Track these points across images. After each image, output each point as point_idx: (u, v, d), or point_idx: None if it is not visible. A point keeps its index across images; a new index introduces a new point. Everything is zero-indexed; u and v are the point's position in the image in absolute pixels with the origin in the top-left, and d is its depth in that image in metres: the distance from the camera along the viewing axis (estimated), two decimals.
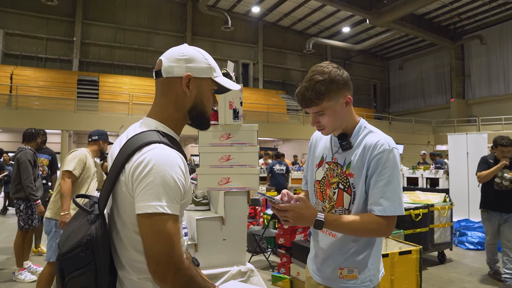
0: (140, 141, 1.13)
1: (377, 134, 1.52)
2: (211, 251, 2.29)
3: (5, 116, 14.24)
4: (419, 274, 3.87)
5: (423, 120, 24.39)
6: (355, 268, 1.50)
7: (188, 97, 1.22)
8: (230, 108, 2.20)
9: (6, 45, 19.02)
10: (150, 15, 21.86)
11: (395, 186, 1.43)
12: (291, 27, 25.12)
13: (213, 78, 1.25)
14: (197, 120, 1.28)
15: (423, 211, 5.24)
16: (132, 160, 1.10)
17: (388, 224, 1.43)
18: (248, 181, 2.20)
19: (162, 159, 1.09)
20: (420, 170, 11.41)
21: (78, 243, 1.09)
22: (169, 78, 1.21)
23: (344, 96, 1.49)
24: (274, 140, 21.41)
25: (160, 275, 1.05)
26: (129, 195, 1.11)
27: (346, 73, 1.52)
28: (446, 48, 23.90)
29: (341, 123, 1.53)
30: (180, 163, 1.13)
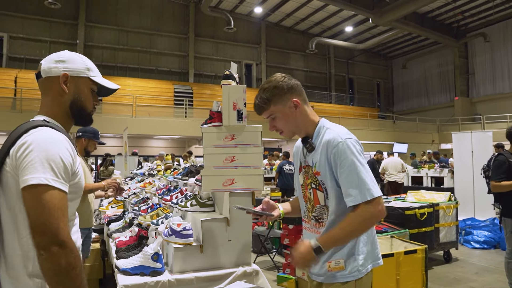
0: (25, 126, 1.20)
1: (333, 130, 1.60)
2: (216, 252, 2.29)
3: (10, 119, 14.30)
4: (425, 274, 3.85)
5: (427, 118, 24.28)
6: (341, 260, 1.56)
7: (66, 94, 1.32)
8: (234, 109, 2.20)
9: (10, 48, 19.13)
10: (152, 17, 21.90)
11: (358, 172, 1.48)
12: (293, 27, 25.08)
13: (90, 77, 1.37)
14: (78, 115, 1.37)
15: (428, 210, 5.22)
16: (17, 143, 1.16)
17: (372, 207, 1.46)
18: (252, 182, 2.20)
19: (46, 138, 1.17)
20: (424, 169, 11.36)
21: None
22: (48, 78, 1.32)
23: (291, 100, 1.61)
24: (278, 141, 21.39)
25: (45, 245, 1.05)
26: (14, 174, 1.14)
27: (294, 80, 1.66)
28: (449, 46, 23.77)
29: (296, 125, 1.67)
30: (67, 145, 1.21)
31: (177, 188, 3.25)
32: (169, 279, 2.17)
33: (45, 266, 1.07)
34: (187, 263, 2.26)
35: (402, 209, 5.07)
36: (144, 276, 2.20)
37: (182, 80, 21.96)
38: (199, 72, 22.73)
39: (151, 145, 19.52)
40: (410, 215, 5.04)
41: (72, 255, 1.08)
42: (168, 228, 2.33)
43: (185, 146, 21.12)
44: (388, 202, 5.62)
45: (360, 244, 1.57)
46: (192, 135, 18.05)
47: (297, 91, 1.64)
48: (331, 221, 1.58)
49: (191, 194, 2.75)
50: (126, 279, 2.18)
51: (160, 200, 3.30)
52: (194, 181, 2.74)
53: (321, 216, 1.63)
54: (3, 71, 18.02)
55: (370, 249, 1.60)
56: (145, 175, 5.00)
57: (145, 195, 4.14)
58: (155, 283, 2.15)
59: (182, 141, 20.82)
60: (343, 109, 23.84)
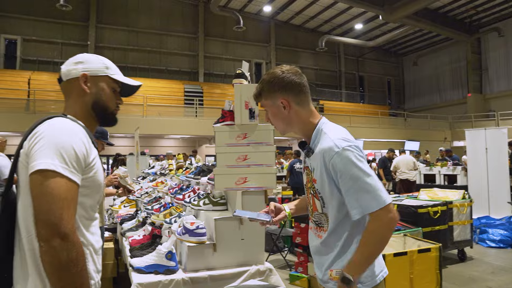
0: (42, 118, 1.20)
1: (329, 135, 1.49)
2: (229, 250, 2.30)
3: (24, 120, 14.52)
4: (439, 272, 3.81)
5: (439, 116, 24.00)
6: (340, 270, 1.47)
7: (88, 94, 1.32)
8: (246, 108, 2.20)
9: (24, 51, 19.42)
10: (162, 17, 22.02)
11: (362, 183, 1.38)
12: (303, 25, 24.99)
13: (109, 75, 1.36)
14: (101, 115, 1.36)
15: (442, 208, 5.15)
16: (34, 131, 1.15)
17: (383, 216, 1.36)
18: (265, 181, 2.20)
19: (59, 127, 1.15)
20: (437, 167, 11.22)
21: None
22: (69, 80, 1.33)
23: (280, 99, 1.53)
24: (288, 139, 21.35)
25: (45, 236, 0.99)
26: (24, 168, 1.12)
27: (296, 77, 1.53)
28: (462, 42, 23.42)
29: (286, 125, 1.59)
30: (82, 136, 1.18)
31: (189, 187, 3.27)
32: (183, 277, 2.18)
33: (44, 259, 1.01)
34: (200, 261, 2.27)
35: (415, 207, 5.02)
36: (158, 274, 2.22)
37: (192, 79, 22.06)
38: (209, 72, 22.81)
39: (162, 144, 19.64)
40: (423, 213, 4.99)
41: (74, 250, 1.02)
42: (181, 227, 2.34)
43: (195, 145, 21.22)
44: (400, 200, 5.57)
45: None
46: (202, 135, 18.12)
47: (292, 91, 1.53)
48: (331, 230, 1.52)
49: (203, 193, 2.76)
50: (141, 277, 2.19)
51: (173, 199, 3.32)
52: (207, 180, 2.75)
53: (320, 222, 1.57)
54: (17, 73, 18.31)
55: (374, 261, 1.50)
56: (157, 174, 5.04)
57: (157, 194, 4.17)
58: (169, 281, 2.16)
59: (192, 141, 20.91)
60: (353, 107, 23.69)
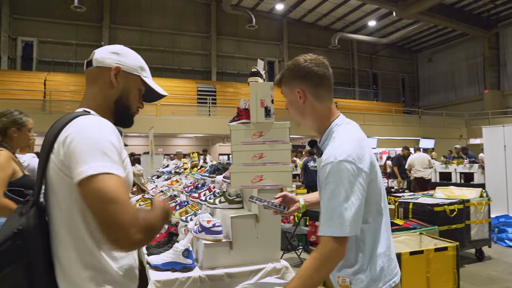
0: (67, 118, 1.12)
1: (336, 140, 1.40)
2: (246, 248, 2.30)
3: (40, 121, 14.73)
4: (457, 272, 3.76)
5: (454, 113, 23.62)
6: (346, 278, 1.44)
7: (115, 88, 1.25)
8: (261, 106, 2.21)
9: (40, 52, 19.77)
10: (175, 17, 22.16)
11: (337, 203, 1.28)
12: (315, 23, 24.86)
13: (141, 77, 1.30)
14: (121, 113, 1.28)
15: (458, 206, 5.08)
16: (60, 134, 1.07)
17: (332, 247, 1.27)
18: (281, 179, 2.20)
19: (94, 125, 1.08)
20: (453, 164, 11.06)
21: (5, 237, 0.99)
22: (99, 68, 1.24)
23: (297, 88, 1.47)
24: (302, 138, 21.29)
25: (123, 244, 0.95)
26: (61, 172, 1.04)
27: (314, 68, 1.46)
28: (478, 37, 22.97)
29: (301, 117, 1.52)
30: (114, 131, 1.11)
31: (204, 185, 3.29)
32: (200, 275, 2.19)
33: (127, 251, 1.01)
34: (217, 259, 2.28)
35: (431, 205, 4.96)
36: (175, 272, 2.24)
37: (205, 78, 22.17)
38: (221, 71, 22.88)
39: (175, 143, 19.78)
40: (439, 212, 4.93)
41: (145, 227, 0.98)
42: (197, 225, 2.35)
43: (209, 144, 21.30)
44: (416, 199, 5.51)
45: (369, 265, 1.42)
46: (216, 133, 18.19)
47: (310, 82, 1.46)
48: None
49: (219, 191, 2.77)
50: (158, 274, 2.22)
51: (188, 197, 3.34)
52: (222, 179, 2.76)
53: None
54: (33, 74, 18.66)
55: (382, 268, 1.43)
56: (171, 173, 5.08)
57: (172, 192, 4.21)
58: (186, 279, 2.18)
59: (206, 140, 21.00)
60: (367, 105, 23.49)
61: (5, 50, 18.90)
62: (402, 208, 5.24)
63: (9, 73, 18.40)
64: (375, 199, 1.41)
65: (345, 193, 1.28)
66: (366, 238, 1.42)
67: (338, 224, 1.27)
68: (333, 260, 1.30)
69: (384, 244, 1.45)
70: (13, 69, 19.21)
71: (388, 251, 1.46)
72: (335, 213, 1.28)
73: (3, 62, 18.82)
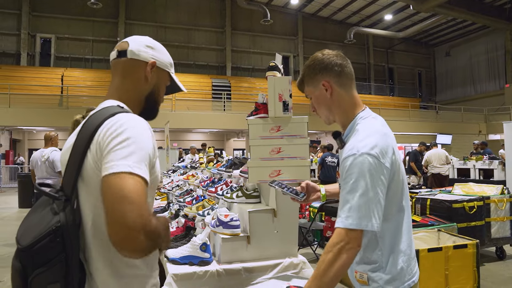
0: (103, 115, 1.08)
1: (359, 133, 1.38)
2: (263, 243, 2.30)
3: (57, 115, 15.09)
4: (477, 270, 3.68)
5: (473, 108, 23.14)
6: (364, 274, 1.42)
7: (148, 83, 1.25)
8: (279, 100, 2.19)
9: (57, 48, 20.11)
10: (189, 12, 22.24)
11: (357, 196, 1.26)
12: (331, 17, 24.62)
13: (170, 73, 1.33)
14: (150, 107, 1.28)
15: (478, 203, 4.97)
16: (98, 130, 1.04)
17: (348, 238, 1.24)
18: (299, 173, 2.18)
19: (133, 122, 1.06)
20: (472, 161, 10.85)
21: (45, 233, 0.97)
22: (134, 60, 1.23)
23: (321, 81, 1.44)
24: (317, 133, 21.17)
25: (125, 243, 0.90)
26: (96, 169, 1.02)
27: (333, 58, 1.45)
28: (500, 29, 22.35)
29: (329, 112, 1.49)
30: (148, 130, 1.09)
31: (221, 180, 3.29)
32: (217, 269, 2.20)
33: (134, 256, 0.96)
34: (234, 253, 2.28)
35: (449, 202, 4.87)
36: (193, 265, 2.25)
37: (220, 74, 22.21)
38: (236, 66, 22.88)
39: (190, 138, 19.92)
40: (458, 208, 4.83)
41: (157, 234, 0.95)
42: (215, 219, 2.36)
43: (223, 139, 21.38)
44: (433, 195, 5.42)
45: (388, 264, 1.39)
46: (230, 128, 18.24)
47: (333, 72, 1.44)
48: None
49: (236, 185, 2.77)
50: (176, 268, 2.23)
51: (205, 192, 3.35)
52: (239, 173, 2.76)
53: None
54: (51, 70, 19.01)
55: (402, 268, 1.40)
56: (187, 167, 5.11)
57: (188, 187, 4.23)
58: (203, 273, 2.19)
59: (220, 134, 21.08)
60: (383, 100, 23.22)
61: (25, 47, 19.28)
62: (419, 205, 5.16)
63: (28, 69, 18.79)
64: (397, 196, 1.38)
65: (365, 186, 1.26)
66: (385, 235, 1.39)
67: (357, 217, 1.25)
68: (349, 252, 1.26)
69: (405, 242, 1.41)
70: (32, 65, 19.61)
71: (408, 250, 1.42)
72: (354, 205, 1.26)
73: (23, 58, 19.21)
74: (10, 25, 19.19)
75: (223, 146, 21.55)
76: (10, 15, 19.22)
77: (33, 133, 19.16)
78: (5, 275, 4.60)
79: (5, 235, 6.55)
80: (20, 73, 17.84)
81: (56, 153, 5.57)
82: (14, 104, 14.90)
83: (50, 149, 5.66)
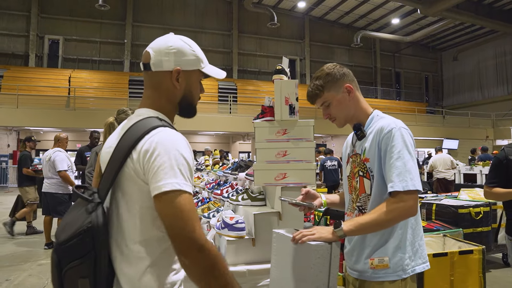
0: (145, 126, 1.15)
1: (387, 118, 1.60)
2: (268, 245, 2.29)
3: (65, 116, 15.21)
4: (483, 276, 3.65)
5: (480, 113, 22.98)
6: (385, 257, 1.52)
7: (178, 90, 1.25)
8: (286, 103, 2.20)
9: (65, 50, 20.29)
10: (197, 15, 22.33)
11: (405, 162, 1.44)
12: (338, 21, 24.61)
13: (201, 70, 1.29)
14: (186, 109, 1.31)
15: (484, 209, 4.94)
16: (140, 144, 1.12)
17: (406, 200, 1.42)
18: (304, 177, 2.19)
19: (171, 140, 1.12)
20: (478, 166, 10.77)
21: (78, 231, 1.07)
22: (158, 72, 1.23)
23: (344, 86, 1.64)
24: (322, 136, 21.14)
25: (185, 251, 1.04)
26: (139, 180, 1.12)
27: (345, 69, 1.68)
28: (508, 34, 22.11)
29: (349, 112, 1.67)
30: (186, 144, 1.16)
31: (226, 182, 3.30)
32: None
33: (190, 271, 1.07)
34: (239, 255, 2.29)
35: (455, 207, 4.84)
36: None
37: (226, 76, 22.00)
38: (242, 69, 22.93)
39: (196, 141, 19.97)
40: (464, 214, 4.80)
41: (212, 255, 1.07)
42: (220, 221, 2.37)
43: (229, 141, 21.40)
44: (439, 200, 5.39)
45: (406, 243, 1.52)
46: (236, 131, 18.26)
47: (349, 78, 1.67)
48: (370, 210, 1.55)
49: (242, 188, 2.78)
50: None
51: (210, 194, 3.36)
52: (245, 176, 2.77)
53: (365, 205, 1.59)
54: (59, 71, 19.17)
55: (417, 250, 1.55)
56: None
57: (194, 189, 4.25)
58: None
59: (226, 137, 21.10)
60: (389, 104, 23.14)
61: (33, 48, 19.47)
62: (425, 209, 5.13)
63: (36, 70, 18.96)
64: None
65: (409, 154, 1.47)
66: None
67: (409, 179, 1.42)
68: (406, 213, 1.45)
69: (421, 228, 1.59)
70: (40, 66, 19.79)
71: (422, 236, 1.59)
72: (404, 170, 1.43)
73: (31, 59, 19.39)
74: (19, 27, 19.39)
75: (228, 148, 21.58)
76: (19, 16, 19.42)
77: (41, 134, 19.31)
78: (12, 273, 4.65)
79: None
80: (28, 74, 18.00)
81: (59, 153, 5.81)
82: (22, 104, 15.04)
83: (54, 149, 5.90)
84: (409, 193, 1.42)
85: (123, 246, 1.16)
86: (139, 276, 1.15)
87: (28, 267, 4.93)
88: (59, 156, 5.81)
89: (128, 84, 18.76)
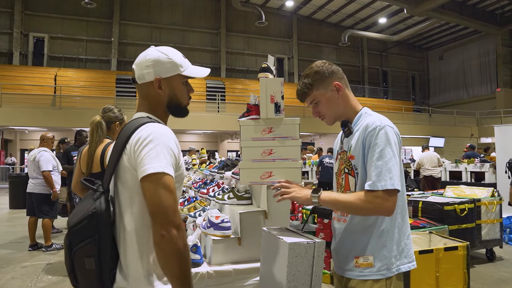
0: (136, 123, 1.31)
1: (373, 116, 1.59)
2: (254, 244, 2.29)
3: (50, 115, 14.97)
4: (467, 272, 3.71)
5: (465, 111, 23.35)
6: (370, 256, 1.52)
7: (163, 96, 1.39)
8: (271, 102, 2.18)
9: (51, 48, 19.96)
10: (184, 13, 22.21)
11: (386, 160, 1.45)
12: (325, 20, 24.73)
13: (181, 74, 1.40)
14: (175, 111, 1.45)
15: (469, 206, 5.01)
16: (131, 137, 1.28)
17: (384, 199, 1.42)
18: (290, 175, 2.17)
19: (158, 132, 1.27)
20: (463, 163, 10.93)
21: (84, 216, 1.23)
22: (143, 84, 1.38)
23: (333, 84, 1.64)
24: (310, 135, 21.22)
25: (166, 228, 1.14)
26: (132, 169, 1.26)
27: (335, 66, 1.69)
28: (491, 34, 22.63)
29: (338, 109, 1.68)
30: (175, 138, 1.32)
31: (213, 181, 3.28)
32: (208, 270, 2.19)
33: (163, 248, 1.15)
34: (225, 255, 2.27)
35: (441, 204, 4.90)
36: None
37: (214, 75, 22.18)
38: (231, 67, 22.88)
39: (184, 140, 19.85)
40: (450, 211, 4.86)
41: (185, 238, 1.18)
42: (206, 221, 2.35)
43: (218, 140, 21.33)
44: (425, 197, 5.45)
45: (392, 242, 1.53)
46: (224, 130, 18.21)
47: (338, 75, 1.67)
48: None
49: (228, 187, 2.76)
50: None
51: (197, 193, 3.34)
52: (231, 175, 2.75)
53: None
54: (44, 70, 18.86)
55: (403, 249, 1.55)
56: None
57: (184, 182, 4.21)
58: (194, 274, 2.17)
59: (214, 136, 21.04)
60: (376, 103, 23.35)
61: (17, 46, 19.12)
62: (411, 207, 5.18)
63: (21, 68, 18.62)
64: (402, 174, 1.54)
65: (392, 153, 1.46)
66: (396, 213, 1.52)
67: (389, 178, 1.43)
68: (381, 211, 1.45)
69: (408, 227, 1.59)
70: (25, 64, 19.44)
71: (409, 235, 1.59)
72: (384, 169, 1.44)
73: (15, 57, 19.04)
74: (2, 24, 19.02)
75: (217, 147, 21.53)
76: (2, 13, 19.05)
77: (25, 133, 19.00)
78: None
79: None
80: (12, 73, 17.67)
81: (44, 153, 5.72)
82: (6, 103, 14.76)
83: (39, 149, 5.81)
84: (387, 193, 1.42)
85: (124, 230, 1.29)
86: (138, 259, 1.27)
87: (11, 269, 4.84)
88: (44, 156, 5.72)
89: (115, 82, 18.56)
